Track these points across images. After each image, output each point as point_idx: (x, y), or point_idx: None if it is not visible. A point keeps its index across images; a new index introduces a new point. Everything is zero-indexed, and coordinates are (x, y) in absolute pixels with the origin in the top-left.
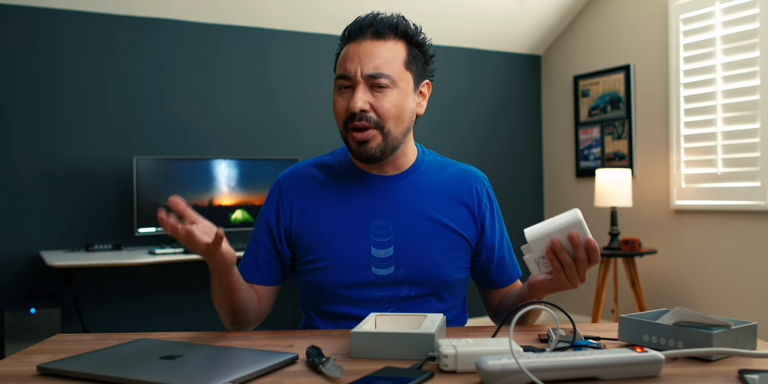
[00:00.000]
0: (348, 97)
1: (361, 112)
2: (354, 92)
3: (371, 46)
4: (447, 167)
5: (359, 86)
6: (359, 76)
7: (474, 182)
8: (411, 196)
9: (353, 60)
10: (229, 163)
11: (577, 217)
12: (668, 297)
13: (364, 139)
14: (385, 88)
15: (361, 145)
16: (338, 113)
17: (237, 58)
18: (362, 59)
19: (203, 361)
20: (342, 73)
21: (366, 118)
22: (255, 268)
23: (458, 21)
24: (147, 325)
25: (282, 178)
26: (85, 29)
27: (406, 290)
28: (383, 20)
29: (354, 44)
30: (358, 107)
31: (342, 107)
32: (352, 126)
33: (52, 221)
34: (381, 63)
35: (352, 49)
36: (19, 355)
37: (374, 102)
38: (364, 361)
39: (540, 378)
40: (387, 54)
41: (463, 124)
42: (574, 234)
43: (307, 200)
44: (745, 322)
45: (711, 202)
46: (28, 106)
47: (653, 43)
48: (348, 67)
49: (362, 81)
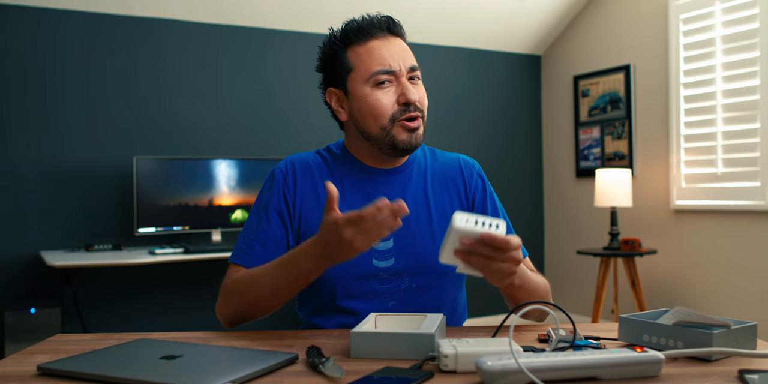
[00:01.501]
0: (391, 91)
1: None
2: (400, 85)
3: (396, 43)
4: (438, 157)
5: (403, 79)
6: (403, 69)
7: (464, 167)
8: (409, 187)
9: (392, 56)
10: (229, 163)
11: (452, 225)
12: (668, 297)
13: (417, 126)
14: (418, 80)
15: (412, 133)
16: (383, 108)
17: (237, 58)
18: (400, 54)
19: (203, 361)
20: (384, 69)
21: (417, 109)
22: (264, 257)
23: (458, 21)
24: (147, 325)
25: (284, 166)
26: (85, 29)
27: (407, 282)
28: (392, 20)
29: (380, 41)
30: (417, 97)
31: (390, 101)
32: (406, 117)
33: (52, 221)
34: (413, 57)
35: (381, 45)
36: (19, 355)
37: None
38: (364, 361)
39: (540, 378)
40: (409, 51)
41: (463, 124)
42: (463, 239)
43: (311, 190)
44: (745, 322)
45: (711, 202)
46: (28, 106)
47: (653, 43)
48: (390, 62)
49: (405, 75)
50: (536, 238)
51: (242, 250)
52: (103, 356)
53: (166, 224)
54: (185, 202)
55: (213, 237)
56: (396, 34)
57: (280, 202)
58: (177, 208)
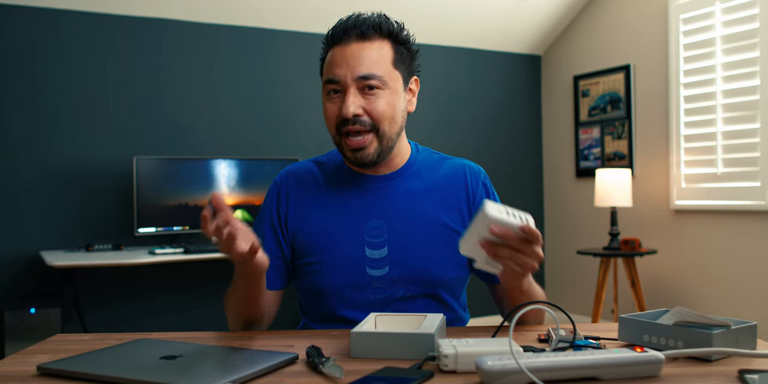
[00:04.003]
0: (338, 102)
1: (355, 116)
2: (345, 97)
3: (358, 49)
4: (441, 163)
5: (350, 90)
6: (349, 79)
7: (468, 176)
8: (405, 195)
9: (341, 64)
10: (229, 163)
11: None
12: (668, 297)
13: (359, 146)
14: (376, 90)
15: (356, 152)
16: (329, 119)
17: (237, 58)
18: (350, 62)
19: (203, 361)
20: (330, 77)
21: (360, 122)
22: None
23: (458, 21)
24: (147, 325)
25: (279, 179)
26: (85, 29)
27: (401, 291)
28: (366, 21)
29: (339, 48)
30: (351, 112)
31: (333, 113)
32: (345, 130)
33: (52, 221)
34: (369, 65)
35: (338, 52)
36: (19, 355)
37: (366, 105)
38: (364, 361)
39: (540, 378)
40: (374, 55)
41: (463, 124)
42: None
43: (304, 202)
44: (745, 322)
45: (711, 202)
46: (28, 106)
47: (653, 43)
48: (336, 71)
49: (352, 85)
50: None
51: None
52: (103, 356)
53: (166, 224)
54: (185, 202)
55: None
56: (367, 39)
57: (272, 215)
58: (177, 208)
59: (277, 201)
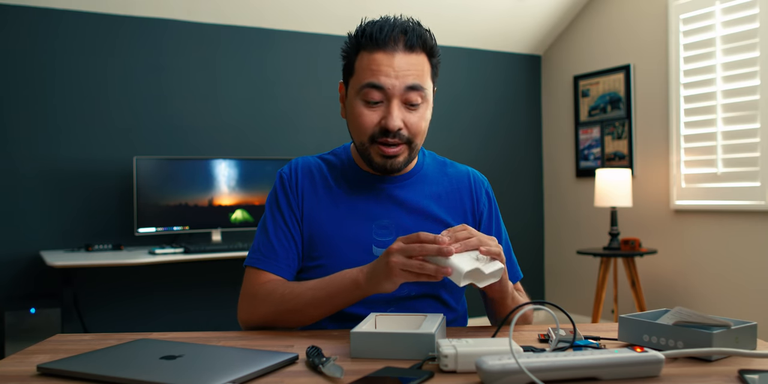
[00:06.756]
0: (379, 111)
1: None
2: (389, 108)
3: (405, 59)
4: (446, 168)
5: (394, 102)
6: (397, 89)
7: (473, 182)
8: (413, 196)
9: (388, 73)
10: (229, 163)
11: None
12: (668, 297)
13: (394, 154)
14: (418, 105)
15: (388, 160)
16: (364, 126)
17: (237, 58)
18: (398, 73)
19: (203, 361)
20: (375, 82)
21: (399, 136)
22: (286, 262)
23: (458, 21)
24: (147, 325)
25: (289, 169)
26: (85, 29)
27: (405, 290)
28: (414, 31)
29: (385, 54)
30: (397, 126)
31: (371, 121)
32: (382, 141)
33: (52, 221)
34: (416, 76)
35: (383, 59)
36: (19, 355)
37: (407, 119)
38: (364, 361)
39: (540, 378)
40: (419, 69)
41: (463, 124)
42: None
43: (313, 195)
44: (745, 322)
45: (711, 202)
46: (28, 106)
47: (653, 43)
48: (383, 80)
49: (398, 96)
50: (536, 238)
51: (261, 252)
52: (103, 356)
53: (166, 224)
54: (185, 202)
55: (213, 237)
56: (413, 50)
57: (290, 203)
58: (177, 208)
59: (289, 191)
